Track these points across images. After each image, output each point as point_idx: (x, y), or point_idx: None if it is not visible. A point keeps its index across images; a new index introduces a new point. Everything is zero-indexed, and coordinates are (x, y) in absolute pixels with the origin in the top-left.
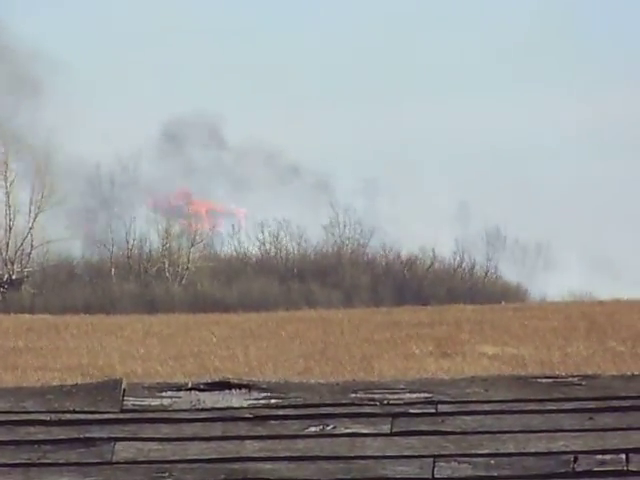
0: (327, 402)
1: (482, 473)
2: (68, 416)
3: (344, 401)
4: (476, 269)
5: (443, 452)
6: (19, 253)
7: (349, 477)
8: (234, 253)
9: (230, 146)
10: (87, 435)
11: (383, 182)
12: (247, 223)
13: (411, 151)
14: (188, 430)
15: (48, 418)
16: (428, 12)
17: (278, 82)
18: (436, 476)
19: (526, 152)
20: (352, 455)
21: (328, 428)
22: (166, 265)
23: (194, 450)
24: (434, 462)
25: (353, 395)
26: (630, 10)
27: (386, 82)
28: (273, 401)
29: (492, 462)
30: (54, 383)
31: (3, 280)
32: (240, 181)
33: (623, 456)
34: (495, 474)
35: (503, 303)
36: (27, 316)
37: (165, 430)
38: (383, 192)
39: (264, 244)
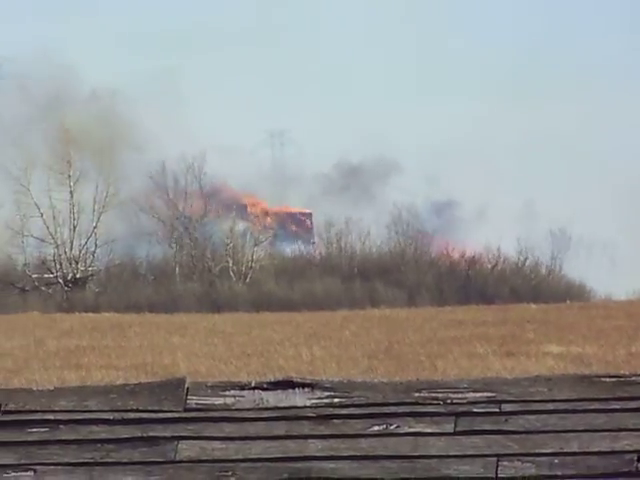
0: (390, 401)
1: (545, 472)
2: (131, 415)
3: (407, 400)
4: (540, 268)
5: (506, 451)
6: (83, 252)
7: (412, 476)
8: (298, 252)
9: (295, 145)
10: (150, 434)
11: (447, 180)
12: (311, 222)
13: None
14: (251, 429)
15: (111, 417)
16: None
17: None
18: (499, 475)
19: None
20: (415, 454)
21: (391, 427)
22: (230, 264)
23: (257, 449)
24: (497, 461)
25: (416, 394)
26: None
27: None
28: (336, 400)
29: (556, 461)
30: (118, 382)
31: (67, 279)
32: (304, 180)
33: None
34: (559, 473)
35: (568, 302)
36: (91, 315)
37: (228, 429)
38: (447, 190)
39: (328, 243)
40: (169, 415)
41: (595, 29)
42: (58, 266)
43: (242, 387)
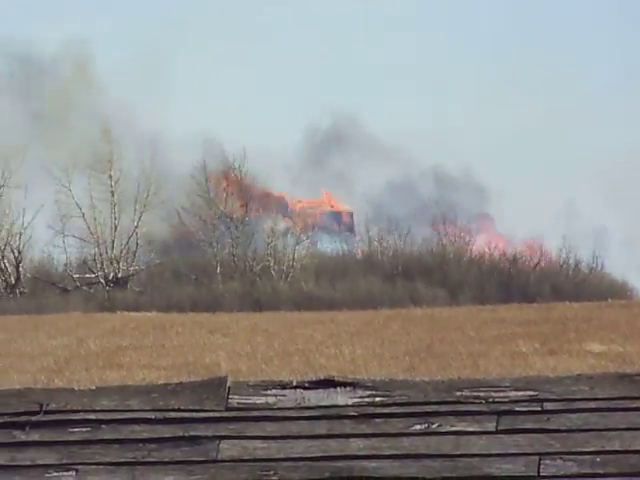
0: (432, 400)
1: (587, 471)
2: (173, 414)
3: (449, 399)
4: (582, 266)
5: (549, 450)
6: (124, 252)
7: (454, 475)
8: (339, 251)
9: (340, 143)
10: (192, 433)
11: (489, 179)
12: (352, 221)
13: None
14: (293, 428)
15: (153, 417)
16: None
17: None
18: (542, 474)
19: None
20: (457, 453)
21: (433, 426)
22: (271, 263)
23: (299, 448)
24: (540, 460)
25: (458, 393)
26: None
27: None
28: (378, 399)
29: (598, 460)
30: (159, 382)
31: (109, 279)
32: (346, 179)
33: None
34: (601, 472)
35: (609, 300)
36: (133, 314)
37: (270, 428)
38: (489, 189)
39: (369, 242)
40: (211, 414)
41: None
42: (99, 266)
43: (284, 386)
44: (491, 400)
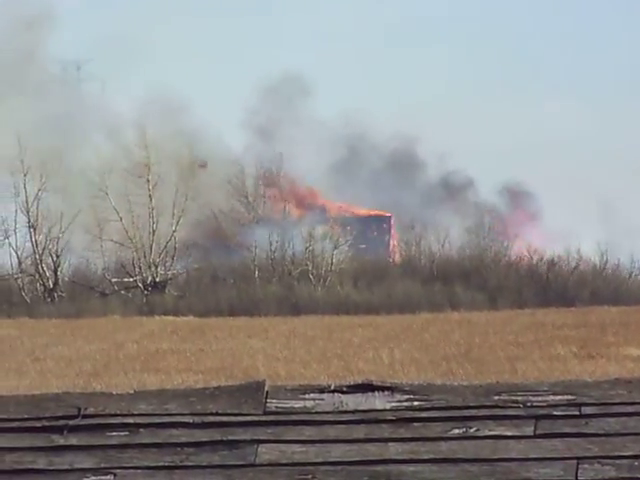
0: (470, 404)
1: (626, 475)
2: (211, 418)
3: (487, 403)
4: (621, 270)
5: (587, 454)
6: (163, 256)
7: (493, 479)
8: (378, 255)
9: (375, 147)
10: (230, 437)
11: (525, 182)
12: (391, 225)
13: (554, 150)
14: (331, 432)
15: (191, 420)
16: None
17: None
18: (579, 478)
19: None
20: (495, 457)
21: (471, 430)
22: (309, 267)
23: (337, 452)
24: (578, 464)
25: (496, 397)
26: None
27: (526, 79)
28: (416, 403)
29: (636, 464)
30: (198, 386)
31: (147, 283)
32: (385, 183)
33: None
34: (639, 476)
35: None
36: (171, 318)
37: (308, 432)
38: (525, 193)
39: (407, 246)
40: (249, 418)
41: None
42: (137, 270)
43: (322, 390)
44: (529, 404)
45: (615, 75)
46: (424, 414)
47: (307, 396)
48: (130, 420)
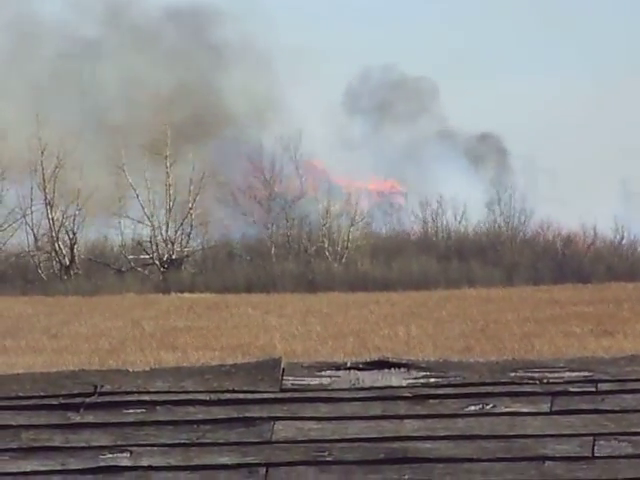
0: (487, 381)
1: None
2: (227, 396)
3: (504, 380)
4: (637, 246)
5: (603, 431)
6: (179, 233)
7: (509, 456)
8: (394, 231)
9: (396, 120)
10: (246, 415)
11: (543, 159)
12: (408, 201)
13: (570, 127)
14: (347, 409)
15: (207, 398)
16: None
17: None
18: (596, 454)
19: None
20: (512, 434)
21: (488, 407)
22: (326, 244)
23: (353, 429)
24: (594, 441)
25: (513, 374)
26: None
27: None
28: (432, 380)
29: None
30: (214, 363)
31: (163, 260)
32: (402, 158)
33: None
34: None
35: None
36: (187, 295)
37: (324, 409)
38: (543, 169)
39: (424, 222)
40: (265, 396)
41: None
42: (154, 247)
43: (338, 367)
44: (545, 381)
45: (633, 49)
46: (440, 391)
47: (323, 373)
48: (146, 398)
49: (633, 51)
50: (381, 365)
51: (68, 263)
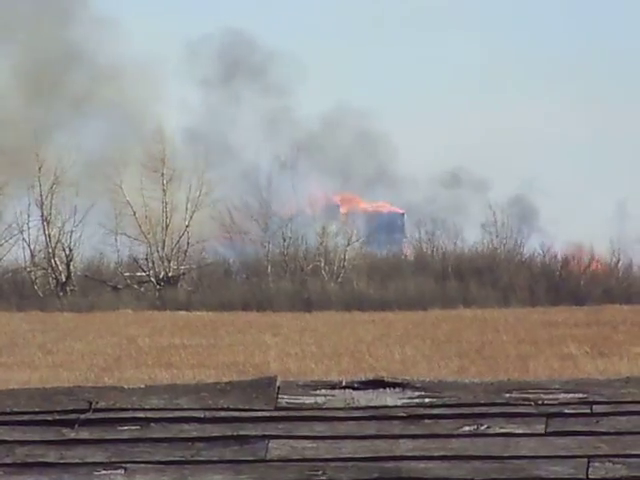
0: (481, 402)
1: (636, 474)
2: (222, 414)
3: (498, 401)
4: (633, 269)
5: (598, 452)
6: (175, 251)
7: (503, 477)
8: (390, 251)
9: (385, 145)
10: (241, 433)
11: (540, 181)
12: (404, 222)
13: (567, 150)
14: (342, 428)
15: (202, 415)
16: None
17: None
18: (590, 476)
19: None
20: (506, 455)
21: (482, 428)
22: (322, 263)
23: (348, 448)
24: (588, 462)
25: (507, 395)
26: None
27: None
28: (427, 400)
29: None
30: (209, 381)
31: (159, 277)
32: (397, 180)
33: None
34: None
35: None
36: (183, 313)
37: (319, 428)
38: (540, 191)
39: (420, 242)
40: (260, 414)
41: None
42: (150, 264)
43: (333, 386)
44: (540, 402)
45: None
46: (435, 411)
47: (318, 392)
48: (141, 415)
49: (630, 70)
50: (376, 385)
51: (64, 279)
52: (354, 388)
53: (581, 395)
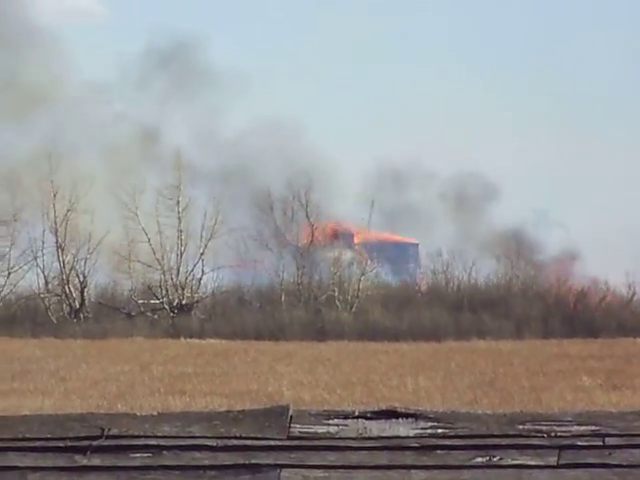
0: (494, 433)
1: None
2: (234, 442)
3: (511, 432)
4: None
5: None
6: (190, 278)
7: None
8: (405, 282)
9: (399, 174)
10: (253, 461)
11: (553, 212)
12: (418, 252)
13: (582, 180)
14: (354, 458)
15: (214, 444)
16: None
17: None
18: None
19: None
20: None
21: (495, 459)
22: (336, 293)
23: (360, 478)
24: None
25: (520, 426)
26: None
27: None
28: (440, 431)
29: None
30: (222, 409)
31: (173, 305)
32: (410, 210)
33: None
34: None
35: None
36: (196, 341)
37: (331, 458)
38: (554, 222)
39: (434, 273)
40: (272, 443)
41: None
42: (164, 292)
43: (345, 416)
44: (553, 434)
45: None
46: (448, 442)
47: (331, 421)
48: (153, 442)
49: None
50: (389, 415)
51: (78, 306)
52: (367, 418)
53: (594, 427)
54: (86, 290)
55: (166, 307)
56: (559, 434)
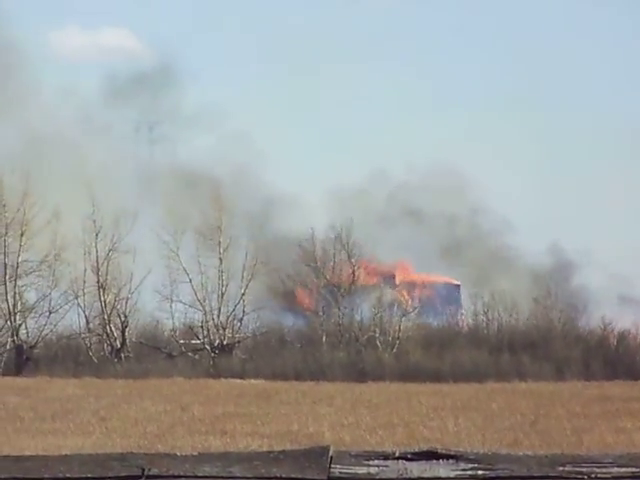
0: (535, 475)
1: None
2: None
3: (552, 474)
4: None
5: None
6: (231, 319)
7: None
8: (446, 323)
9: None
10: None
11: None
12: (459, 293)
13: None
14: None
15: None
16: None
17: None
18: None
19: None
20: None
21: None
22: (377, 334)
23: None
24: None
25: (561, 468)
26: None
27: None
28: (480, 472)
29: None
30: (262, 449)
31: (214, 345)
32: (451, 251)
33: None
34: None
35: None
36: (237, 381)
37: None
38: (596, 264)
39: (476, 314)
40: None
41: None
42: (205, 332)
43: (386, 457)
44: (594, 476)
45: None
46: None
47: (371, 462)
48: None
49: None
50: (429, 456)
51: (119, 346)
52: (407, 459)
53: (634, 469)
54: (127, 330)
55: (207, 347)
56: (599, 476)
